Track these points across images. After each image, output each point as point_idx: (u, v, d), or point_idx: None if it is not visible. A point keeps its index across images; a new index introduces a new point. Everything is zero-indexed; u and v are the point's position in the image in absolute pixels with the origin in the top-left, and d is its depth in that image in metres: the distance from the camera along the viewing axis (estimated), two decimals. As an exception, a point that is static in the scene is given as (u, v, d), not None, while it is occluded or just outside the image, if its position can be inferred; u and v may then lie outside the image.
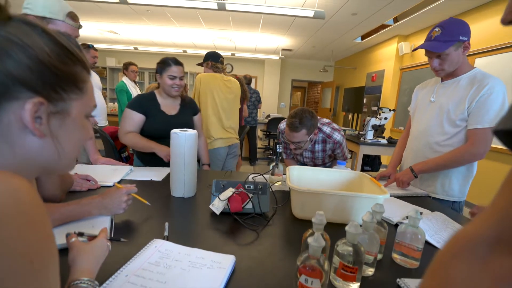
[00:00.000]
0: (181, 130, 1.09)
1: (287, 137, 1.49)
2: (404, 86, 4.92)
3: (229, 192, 0.92)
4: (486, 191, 2.66)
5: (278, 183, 1.30)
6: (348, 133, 3.82)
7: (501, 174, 3.04)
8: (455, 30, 1.15)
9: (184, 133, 1.05)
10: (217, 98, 2.06)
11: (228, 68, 2.23)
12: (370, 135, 3.15)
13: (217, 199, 0.92)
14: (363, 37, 5.29)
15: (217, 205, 0.90)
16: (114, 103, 5.24)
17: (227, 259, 0.65)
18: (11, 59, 0.33)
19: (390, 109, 3.02)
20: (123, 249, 0.68)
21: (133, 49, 6.79)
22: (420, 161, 1.32)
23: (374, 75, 5.70)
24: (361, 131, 3.40)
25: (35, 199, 0.30)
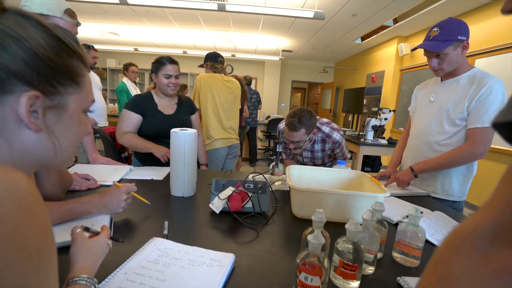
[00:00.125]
0: (180, 129, 1.09)
1: (287, 137, 1.49)
2: (404, 87, 4.93)
3: (229, 191, 0.92)
4: (486, 191, 2.66)
5: (278, 183, 1.29)
6: (348, 133, 3.82)
7: (501, 174, 3.03)
8: (454, 29, 1.16)
9: (184, 132, 1.05)
10: (217, 98, 2.06)
11: (228, 69, 2.22)
12: (370, 136, 3.15)
13: (216, 198, 0.92)
14: (363, 38, 5.30)
15: (217, 204, 0.90)
16: (114, 104, 5.25)
17: (226, 257, 0.64)
18: (5, 51, 0.32)
19: (390, 110, 3.02)
20: (122, 247, 0.68)
21: (133, 50, 6.81)
22: (420, 160, 1.32)
23: (374, 76, 5.71)
24: (361, 132, 3.40)
25: (33, 192, 0.29)
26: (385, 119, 3.02)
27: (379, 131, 3.15)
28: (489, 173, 3.00)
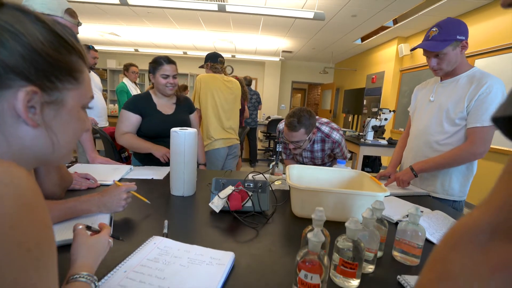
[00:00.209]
0: (180, 128, 1.09)
1: (286, 137, 1.49)
2: (404, 87, 4.93)
3: (229, 190, 0.92)
4: (486, 191, 2.65)
5: (278, 182, 1.29)
6: (348, 134, 3.82)
7: (501, 175, 3.02)
8: (452, 29, 1.16)
9: (184, 131, 1.05)
10: (217, 98, 2.06)
11: (228, 70, 2.22)
12: (370, 136, 3.15)
13: (216, 197, 0.91)
14: (363, 39, 5.31)
15: (217, 203, 0.90)
16: (114, 105, 5.25)
17: (226, 256, 0.64)
18: (3, 46, 0.32)
19: (390, 110, 3.02)
20: (122, 246, 0.68)
21: (133, 51, 6.82)
22: (420, 160, 1.32)
23: (374, 77, 5.71)
24: (361, 132, 3.40)
25: (33, 188, 0.29)
26: (385, 119, 3.02)
27: (379, 131, 3.15)
28: (489, 173, 3.00)
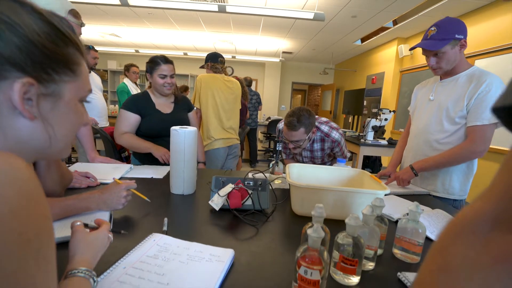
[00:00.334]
0: (180, 127, 1.09)
1: (286, 136, 1.49)
2: (404, 88, 4.93)
3: (229, 188, 0.92)
4: (487, 192, 2.63)
5: (278, 181, 1.29)
6: (348, 134, 3.82)
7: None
8: (451, 28, 1.16)
9: (184, 130, 1.05)
10: (218, 98, 2.06)
11: (228, 70, 2.23)
12: (370, 136, 3.15)
13: (216, 195, 0.91)
14: (363, 40, 5.31)
15: (217, 201, 0.90)
16: (115, 106, 5.26)
17: (226, 253, 0.64)
18: None
19: (390, 110, 3.02)
20: (121, 242, 0.68)
21: (134, 51, 6.83)
22: (420, 159, 1.32)
23: (374, 78, 5.71)
24: (361, 133, 3.39)
25: (33, 179, 0.29)
26: (385, 119, 3.02)
27: (379, 131, 3.15)
28: (489, 174, 2.98)
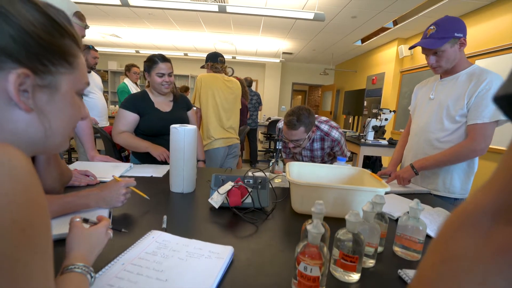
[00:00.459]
0: (180, 125, 1.09)
1: (286, 136, 1.48)
2: (404, 88, 4.93)
3: (229, 185, 0.91)
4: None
5: (278, 180, 1.29)
6: (348, 134, 3.81)
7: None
8: (450, 27, 1.16)
9: (183, 128, 1.05)
10: (218, 98, 2.06)
11: (229, 71, 2.23)
12: (370, 136, 3.15)
13: (216, 192, 0.91)
14: (363, 40, 5.31)
15: (216, 199, 0.90)
16: (115, 106, 5.26)
17: (225, 250, 0.64)
18: None
19: (390, 110, 3.02)
20: (120, 239, 0.68)
21: (134, 52, 6.85)
22: (420, 158, 1.31)
23: (374, 78, 5.71)
24: (362, 133, 3.39)
25: (29, 168, 0.29)
26: (386, 119, 3.01)
27: (379, 131, 3.15)
28: (490, 174, 2.98)
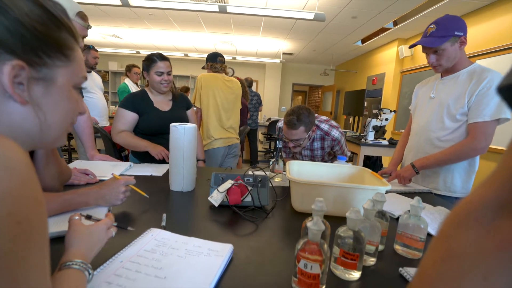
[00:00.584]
0: (180, 123, 1.08)
1: (286, 135, 1.48)
2: (404, 89, 4.92)
3: (228, 184, 0.91)
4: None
5: (278, 179, 1.28)
6: (348, 134, 3.81)
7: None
8: (450, 25, 1.16)
9: (183, 126, 1.05)
10: (218, 98, 2.06)
11: (229, 72, 2.23)
12: (371, 136, 3.14)
13: (215, 191, 0.90)
14: (363, 41, 5.31)
15: (216, 197, 0.89)
16: (115, 106, 5.26)
17: (224, 248, 0.63)
18: None
19: (390, 110, 3.01)
20: (119, 237, 0.67)
21: (135, 53, 6.85)
22: (421, 157, 1.31)
23: (374, 79, 5.71)
24: (362, 133, 3.39)
25: (26, 161, 0.29)
26: (386, 119, 3.01)
27: (380, 131, 3.15)
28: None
